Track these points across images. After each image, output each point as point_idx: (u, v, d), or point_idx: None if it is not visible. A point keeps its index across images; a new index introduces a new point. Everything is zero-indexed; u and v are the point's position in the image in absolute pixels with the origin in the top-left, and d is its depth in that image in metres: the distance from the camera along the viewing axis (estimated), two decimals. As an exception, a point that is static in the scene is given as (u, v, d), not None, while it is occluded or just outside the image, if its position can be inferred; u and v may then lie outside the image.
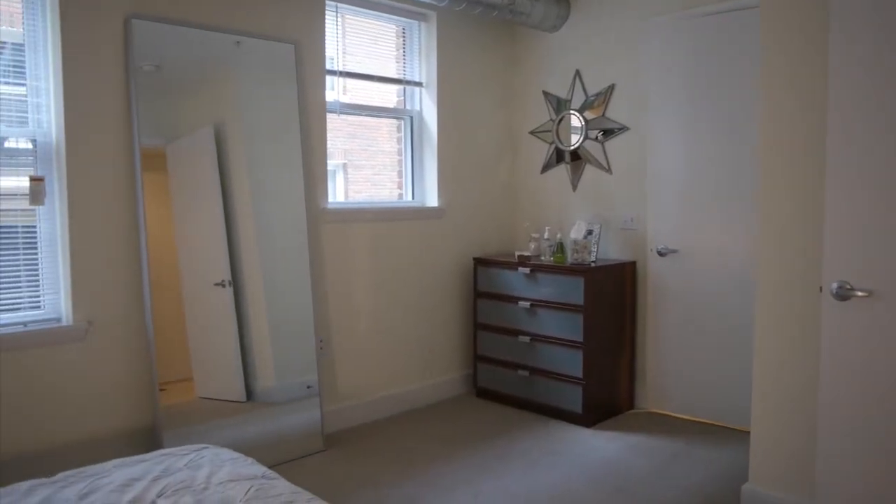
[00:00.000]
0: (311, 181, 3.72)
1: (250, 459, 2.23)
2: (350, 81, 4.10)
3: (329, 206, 3.85)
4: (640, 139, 4.18)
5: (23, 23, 2.90)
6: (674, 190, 4.04)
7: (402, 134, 4.43)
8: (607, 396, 4.09)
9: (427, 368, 4.41)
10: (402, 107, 4.41)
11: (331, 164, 3.95)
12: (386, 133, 4.44)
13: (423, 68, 4.40)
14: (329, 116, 3.86)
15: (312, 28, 3.71)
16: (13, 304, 2.90)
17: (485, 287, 4.43)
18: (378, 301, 4.12)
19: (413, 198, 4.46)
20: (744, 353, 3.62)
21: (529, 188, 4.82)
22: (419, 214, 4.32)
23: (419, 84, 4.40)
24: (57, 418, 2.94)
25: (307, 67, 3.69)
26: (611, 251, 4.35)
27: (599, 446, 3.65)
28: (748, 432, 2.93)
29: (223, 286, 3.36)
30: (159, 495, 1.93)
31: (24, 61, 2.90)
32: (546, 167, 4.69)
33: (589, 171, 4.46)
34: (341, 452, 3.58)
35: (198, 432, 3.18)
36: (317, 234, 3.78)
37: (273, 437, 3.43)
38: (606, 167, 4.35)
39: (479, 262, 4.47)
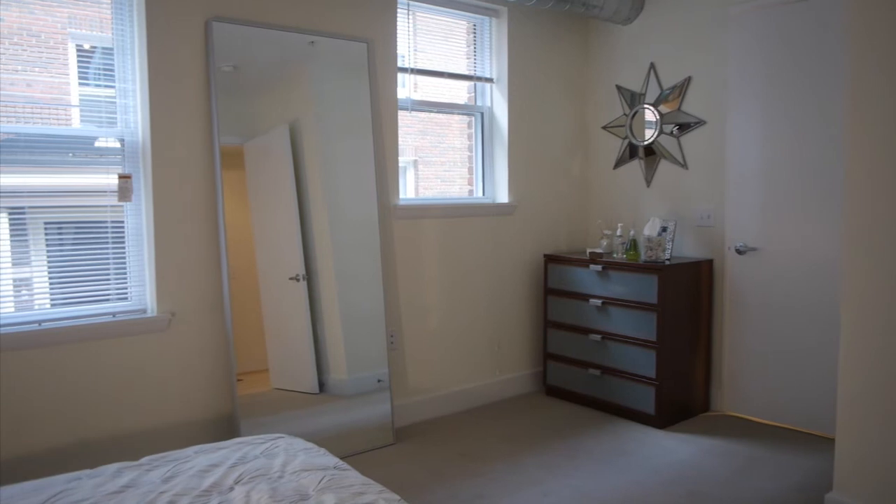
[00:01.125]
0: (383, 178, 3.77)
1: (323, 450, 2.28)
2: (421, 78, 4.13)
3: (400, 203, 3.89)
4: (717, 133, 4.04)
5: (112, 28, 3.04)
6: (754, 186, 3.89)
7: (473, 130, 4.43)
8: (681, 398, 3.99)
9: (496, 365, 4.40)
10: (472, 103, 4.41)
11: (402, 160, 3.99)
12: (456, 129, 4.45)
13: (494, 64, 4.38)
14: (400, 113, 3.90)
15: (385, 26, 3.75)
16: (102, 295, 3.05)
17: (555, 284, 4.39)
18: (448, 297, 4.14)
19: (483, 194, 4.45)
20: (828, 355, 3.46)
21: (601, 184, 4.74)
22: (489, 211, 4.32)
23: (490, 80, 4.39)
24: (142, 405, 3.09)
25: (379, 65, 3.74)
26: (686, 249, 4.23)
27: (672, 448, 3.56)
28: (832, 439, 2.80)
29: (297, 280, 3.44)
30: (237, 482, 2.00)
31: (113, 65, 3.05)
32: (619, 163, 4.60)
33: (663, 167, 4.34)
34: (410, 446, 3.61)
35: (272, 422, 3.28)
36: (388, 231, 3.82)
37: (344, 430, 3.49)
38: (682, 162, 4.23)
39: (550, 259, 4.42)
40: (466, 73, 4.34)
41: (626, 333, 3.97)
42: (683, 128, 4.21)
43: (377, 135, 3.71)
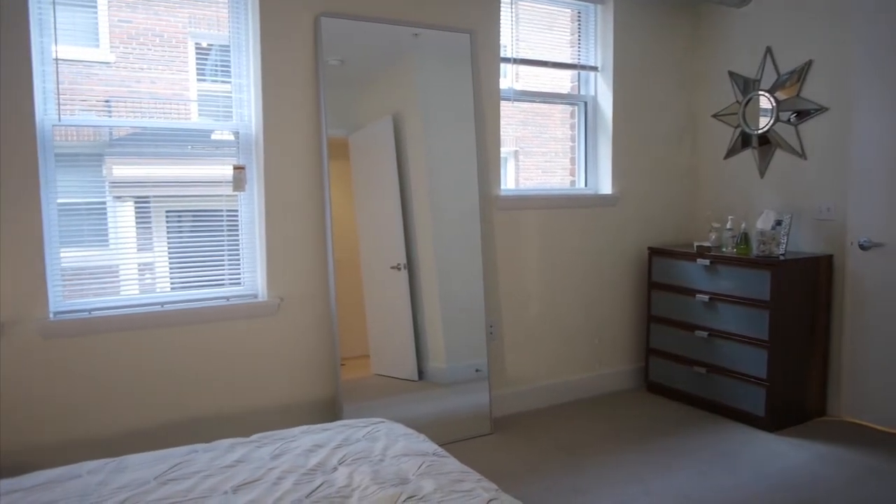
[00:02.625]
0: (485, 168, 3.77)
1: (423, 436, 2.32)
2: (522, 68, 4.09)
3: (502, 194, 3.88)
4: (840, 121, 3.78)
5: (229, 27, 3.20)
6: (881, 177, 3.62)
7: (576, 120, 4.36)
8: (794, 400, 3.77)
9: (596, 359, 4.33)
10: (576, 92, 4.33)
11: (503, 151, 3.98)
12: (558, 119, 4.39)
13: (599, 52, 4.28)
14: (502, 104, 3.88)
15: (488, 17, 3.75)
16: (217, 280, 3.23)
17: (660, 278, 4.26)
18: (548, 289, 4.10)
19: (586, 185, 4.37)
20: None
21: (711, 175, 4.55)
22: (592, 202, 4.23)
23: (594, 68, 4.29)
24: (252, 385, 3.25)
25: (482, 56, 3.73)
26: (802, 243, 3.99)
27: (783, 453, 3.38)
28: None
29: (399, 269, 3.50)
30: (340, 462, 2.07)
31: (229, 61, 3.21)
32: (730, 152, 4.40)
33: (779, 157, 4.11)
34: (508, 437, 3.61)
35: (372, 407, 3.36)
36: (489, 221, 3.83)
37: (442, 417, 3.54)
38: (800, 152, 3.99)
39: (655, 252, 4.29)
40: (570, 61, 4.26)
41: (735, 331, 3.80)
42: (802, 115, 3.96)
43: (479, 125, 3.72)
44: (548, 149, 4.36)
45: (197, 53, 3.19)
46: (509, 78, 4.01)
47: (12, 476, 2.12)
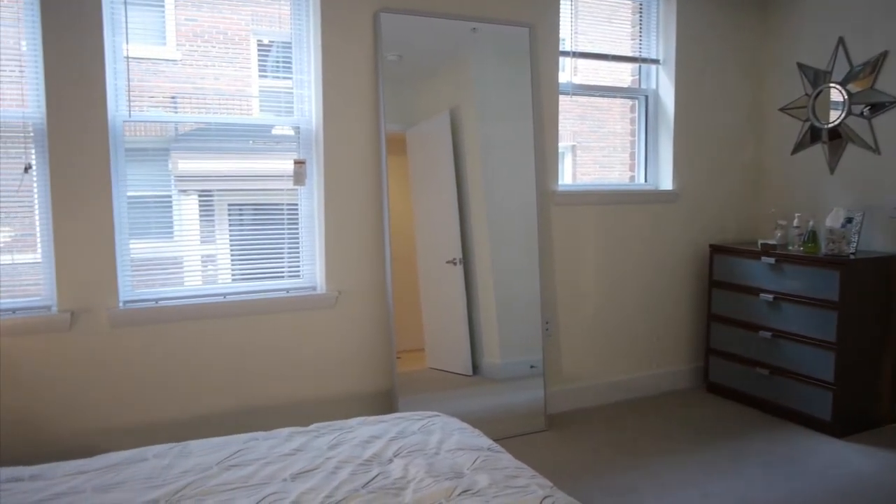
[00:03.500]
0: (542, 163, 3.74)
1: (477, 431, 2.32)
2: (581, 62, 4.04)
3: (559, 189, 3.84)
4: (919, 113, 3.60)
5: (290, 24, 3.25)
6: (963, 172, 3.44)
7: (636, 114, 4.27)
8: (864, 405, 3.63)
9: (654, 358, 4.25)
10: (636, 86, 4.25)
11: (560, 146, 3.94)
12: (617, 114, 4.31)
13: (661, 45, 4.19)
14: (560, 98, 3.84)
15: (547, 10, 3.71)
16: (277, 272, 3.29)
17: (721, 276, 4.14)
18: (605, 285, 4.04)
19: (646, 180, 4.29)
20: None
21: (777, 171, 4.40)
22: (652, 198, 4.15)
23: (656, 61, 4.20)
24: (309, 375, 3.30)
25: (541, 50, 3.70)
26: (875, 243, 3.83)
27: (850, 460, 3.25)
28: None
29: (454, 264, 3.51)
30: (396, 454, 2.09)
31: (290, 58, 3.27)
32: (798, 147, 4.24)
33: (851, 152, 3.94)
34: (563, 434, 3.58)
35: (427, 400, 3.38)
36: (546, 217, 3.79)
37: (496, 413, 3.53)
38: (873, 147, 3.82)
39: (716, 250, 4.18)
40: (631, 55, 4.18)
41: (801, 332, 3.67)
42: (877, 108, 3.79)
43: (537, 120, 3.69)
44: (606, 144, 4.29)
45: (259, 50, 3.26)
46: (567, 72, 3.97)
47: (82, 457, 2.22)
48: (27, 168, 2.80)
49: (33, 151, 2.81)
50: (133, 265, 3.03)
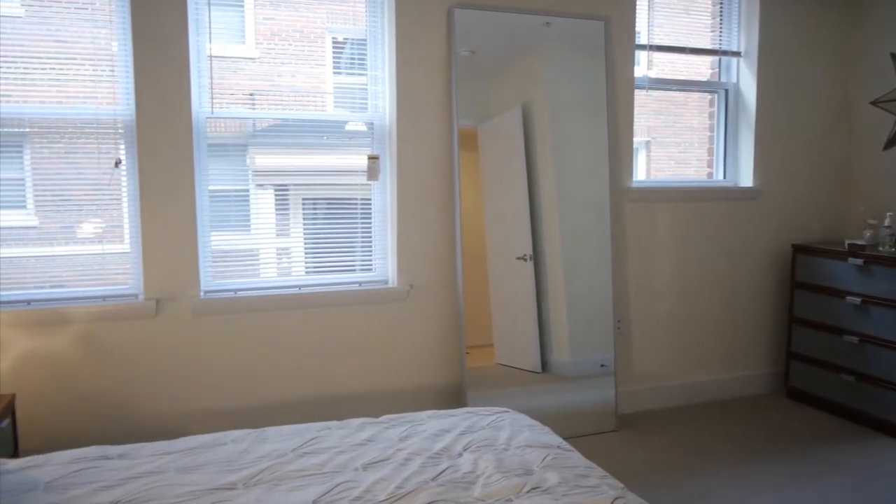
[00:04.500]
0: (616, 159, 3.68)
1: (547, 429, 2.30)
2: (657, 55, 3.94)
3: (633, 185, 3.76)
4: None
5: (365, 21, 3.30)
6: None
7: (715, 108, 4.14)
8: (960, 417, 3.42)
9: (730, 360, 4.11)
10: (715, 79, 4.12)
11: (634, 141, 3.86)
12: (694, 108, 4.19)
13: (742, 37, 4.04)
14: (635, 92, 3.76)
15: (623, 3, 3.63)
16: (349, 265, 3.35)
17: (804, 277, 3.97)
18: (680, 284, 3.94)
19: (724, 177, 4.15)
20: None
21: (867, 167, 4.18)
22: (730, 195, 4.02)
23: (737, 54, 4.06)
24: (380, 367, 3.35)
25: (616, 43, 3.63)
26: (976, 243, 3.59)
27: (946, 474, 3.07)
28: None
29: (525, 260, 3.49)
30: (465, 448, 2.09)
31: (365, 55, 3.31)
32: (891, 142, 4.02)
33: (950, 147, 3.71)
34: (634, 435, 3.52)
35: (495, 396, 3.38)
36: (619, 213, 3.73)
37: (565, 411, 3.50)
38: (976, 141, 3.58)
39: (799, 250, 4.01)
40: (710, 47, 4.05)
41: (891, 337, 3.48)
42: (980, 100, 3.55)
43: (611, 115, 3.62)
44: (682, 139, 4.18)
45: (333, 48, 3.32)
46: (643, 65, 3.88)
47: (165, 439, 2.32)
48: (117, 163, 2.95)
49: (123, 147, 2.95)
50: (213, 256, 3.14)
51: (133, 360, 2.97)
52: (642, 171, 4.10)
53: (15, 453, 2.68)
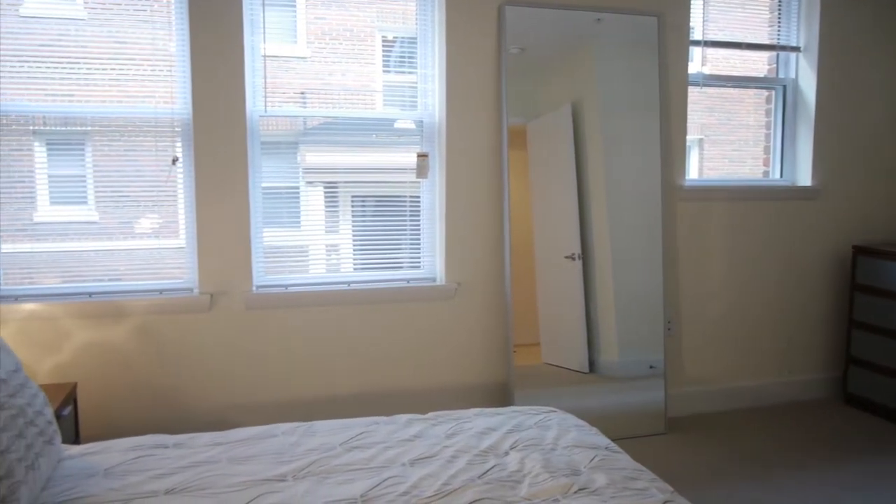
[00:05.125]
0: (669, 157, 3.61)
1: (595, 429, 2.28)
2: (710, 51, 3.85)
3: (686, 184, 3.69)
4: None
5: (416, 20, 3.31)
6: None
7: (772, 105, 4.03)
8: None
9: (785, 364, 4.00)
10: (773, 75, 4.01)
11: (687, 139, 3.78)
12: (750, 105, 4.08)
13: (802, 31, 3.92)
14: (689, 89, 3.68)
15: (677, -2, 3.57)
16: (396, 263, 3.38)
17: (866, 280, 3.83)
18: (734, 285, 3.85)
19: (781, 176, 4.04)
20: None
21: (934, 166, 4.02)
22: (788, 194, 3.90)
23: (796, 49, 3.94)
24: (427, 364, 3.37)
25: (669, 39, 3.56)
26: None
27: None
28: None
29: (573, 259, 3.46)
30: (512, 447, 2.09)
31: (415, 53, 3.33)
32: (959, 140, 3.85)
33: None
34: (683, 438, 3.45)
35: (542, 395, 3.36)
36: (671, 212, 3.66)
37: (613, 412, 3.45)
38: None
39: (860, 252, 3.87)
40: (768, 42, 3.94)
41: (958, 344, 3.34)
42: None
43: (664, 112, 3.56)
44: (736, 137, 4.08)
45: (382, 46, 3.34)
46: (696, 61, 3.80)
47: (216, 429, 2.38)
48: (174, 160, 3.03)
49: (179, 145, 3.03)
50: (265, 252, 3.21)
51: (187, 351, 3.05)
52: (695, 170, 4.02)
53: (76, 440, 2.79)
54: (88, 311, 2.92)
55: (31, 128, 2.92)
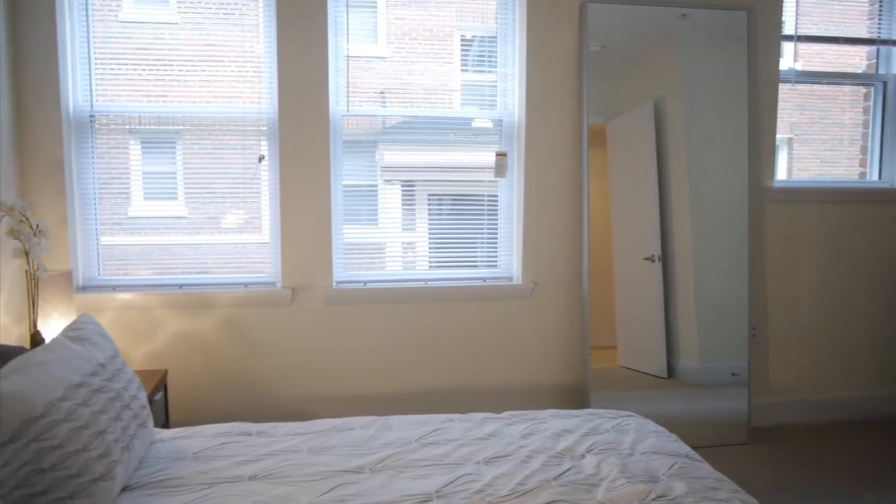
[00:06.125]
0: (756, 157, 3.48)
1: (674, 436, 2.22)
2: (803, 46, 3.68)
3: (775, 185, 3.54)
4: None
5: (496, 19, 3.31)
6: None
7: (871, 103, 3.82)
8: None
9: (881, 375, 3.78)
10: (872, 71, 3.79)
11: (776, 138, 3.63)
12: (845, 102, 3.88)
13: (905, 23, 3.70)
14: (779, 87, 3.53)
15: (768, -9, 3.43)
16: (472, 261, 3.38)
17: (970, 289, 3.59)
18: (825, 291, 3.67)
19: (880, 177, 3.82)
20: None
21: None
22: (889, 196, 3.69)
23: (897, 43, 3.72)
24: (502, 363, 3.36)
25: (760, 34, 3.43)
26: None
27: None
28: None
29: (652, 261, 3.38)
30: (588, 450, 2.06)
31: (493, 52, 3.32)
32: None
33: None
34: (768, 450, 3.32)
35: (618, 399, 3.30)
36: (759, 214, 3.52)
37: (692, 419, 3.36)
38: None
39: (965, 258, 3.63)
40: (867, 36, 3.74)
41: None
42: None
43: (752, 110, 3.43)
44: (829, 136, 3.88)
45: (461, 45, 3.35)
46: (788, 57, 3.64)
47: (295, 420, 2.44)
48: (261, 158, 3.13)
49: (265, 143, 3.13)
50: (344, 249, 3.27)
51: (269, 343, 3.15)
52: (783, 170, 3.85)
53: (166, 424, 2.92)
54: (178, 301, 3.06)
55: (127, 127, 3.08)
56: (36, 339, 2.49)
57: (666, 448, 2.09)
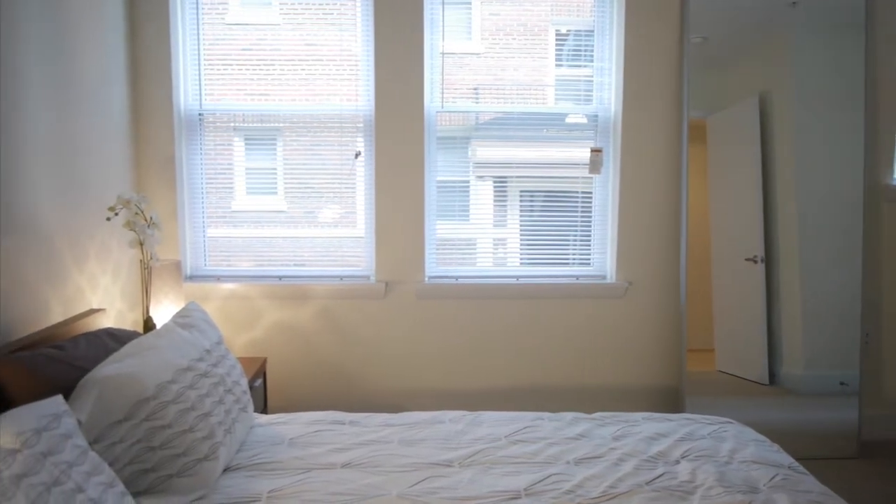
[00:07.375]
0: (873, 153, 3.26)
1: (776, 446, 2.12)
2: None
3: (894, 182, 3.31)
4: None
5: (593, 12, 3.24)
6: None
7: None
8: None
9: None
10: None
11: None
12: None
13: None
14: (901, 77, 3.30)
15: (891, -27, 3.20)
16: (563, 259, 3.34)
17: None
18: (946, 299, 3.40)
19: None
20: None
21: None
22: None
23: None
24: (594, 363, 3.31)
25: (881, 21, 3.20)
26: None
27: None
28: None
29: (755, 262, 3.24)
30: (683, 456, 1.99)
31: (591, 46, 3.26)
32: None
33: None
34: (878, 465, 3.11)
35: (715, 405, 3.18)
36: (875, 214, 3.30)
37: (795, 429, 3.19)
38: None
39: None
40: None
41: None
42: None
43: (870, 103, 3.21)
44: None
45: (556, 40, 3.31)
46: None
47: (386, 411, 2.49)
48: (357, 154, 3.21)
49: (361, 140, 3.20)
50: (437, 244, 3.30)
51: (362, 336, 3.23)
52: (902, 167, 3.60)
53: (264, 409, 3.05)
54: (277, 293, 3.18)
55: (231, 125, 3.22)
56: (148, 325, 2.65)
57: (767, 458, 2.00)
